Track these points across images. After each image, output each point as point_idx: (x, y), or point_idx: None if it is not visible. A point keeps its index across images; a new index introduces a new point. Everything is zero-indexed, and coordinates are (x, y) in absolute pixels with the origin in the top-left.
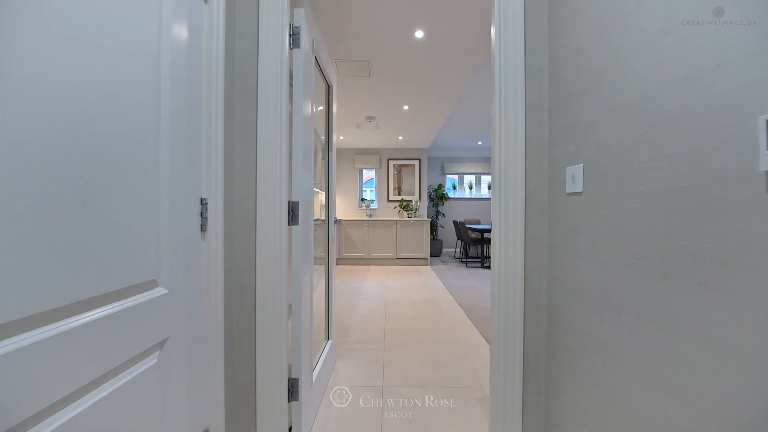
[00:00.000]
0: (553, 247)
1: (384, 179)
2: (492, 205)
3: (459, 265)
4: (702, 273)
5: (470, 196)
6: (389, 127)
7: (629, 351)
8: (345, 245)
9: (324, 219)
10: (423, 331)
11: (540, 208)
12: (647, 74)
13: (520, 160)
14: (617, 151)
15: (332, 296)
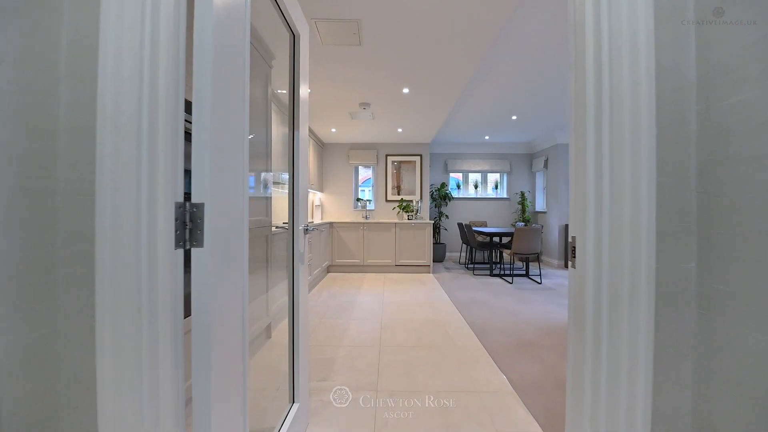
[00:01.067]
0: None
1: (382, 177)
2: (576, 182)
3: (465, 272)
4: None
5: (476, 196)
6: (387, 117)
7: None
8: (338, 251)
9: (326, 224)
10: (428, 368)
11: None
12: None
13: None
14: None
15: (300, 343)
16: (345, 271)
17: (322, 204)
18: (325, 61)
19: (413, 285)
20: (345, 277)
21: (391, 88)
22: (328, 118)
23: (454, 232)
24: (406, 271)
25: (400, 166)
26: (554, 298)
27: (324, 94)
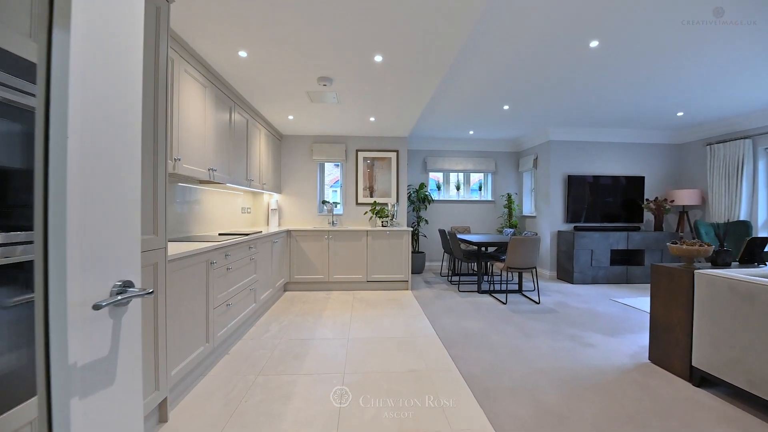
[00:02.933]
0: None
1: (351, 176)
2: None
3: (448, 287)
4: None
5: (458, 199)
6: (356, 101)
7: None
8: (298, 265)
9: (281, 232)
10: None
11: None
12: None
13: None
14: None
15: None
16: (306, 289)
17: (280, 208)
18: (265, 12)
19: (388, 308)
20: (305, 298)
21: (359, 55)
22: (280, 99)
23: (434, 239)
24: (380, 288)
25: (374, 163)
26: (562, 326)
27: (269, 61)
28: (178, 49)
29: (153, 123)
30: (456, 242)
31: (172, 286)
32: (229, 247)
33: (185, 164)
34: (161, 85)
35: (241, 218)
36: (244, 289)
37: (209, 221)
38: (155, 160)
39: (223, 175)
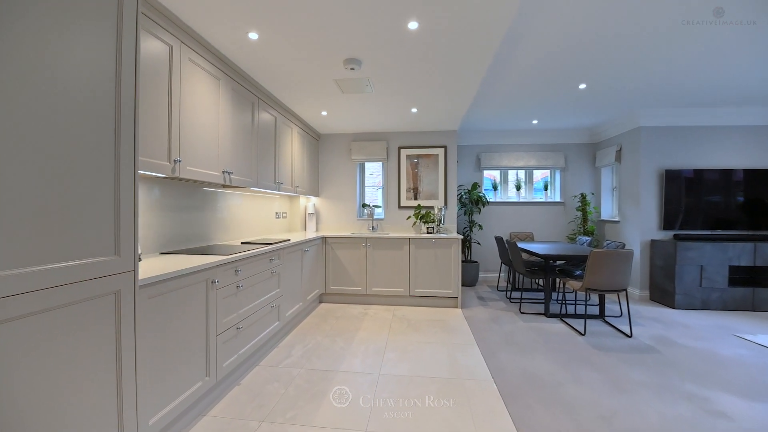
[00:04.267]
0: None
1: (393, 177)
2: None
3: (507, 307)
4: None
5: (519, 200)
6: (393, 87)
7: None
8: (334, 274)
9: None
10: None
11: None
12: None
13: None
14: None
15: None
16: (342, 301)
17: (317, 212)
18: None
19: (432, 332)
20: (340, 312)
21: (388, 23)
22: (308, 92)
23: (489, 247)
24: (424, 304)
25: (418, 161)
26: (672, 377)
27: (283, 42)
28: (177, 33)
29: (115, 116)
30: (516, 253)
31: (154, 315)
32: (239, 262)
33: (190, 167)
34: (127, 68)
35: (275, 224)
36: (263, 307)
37: (237, 228)
38: (117, 162)
39: (243, 178)
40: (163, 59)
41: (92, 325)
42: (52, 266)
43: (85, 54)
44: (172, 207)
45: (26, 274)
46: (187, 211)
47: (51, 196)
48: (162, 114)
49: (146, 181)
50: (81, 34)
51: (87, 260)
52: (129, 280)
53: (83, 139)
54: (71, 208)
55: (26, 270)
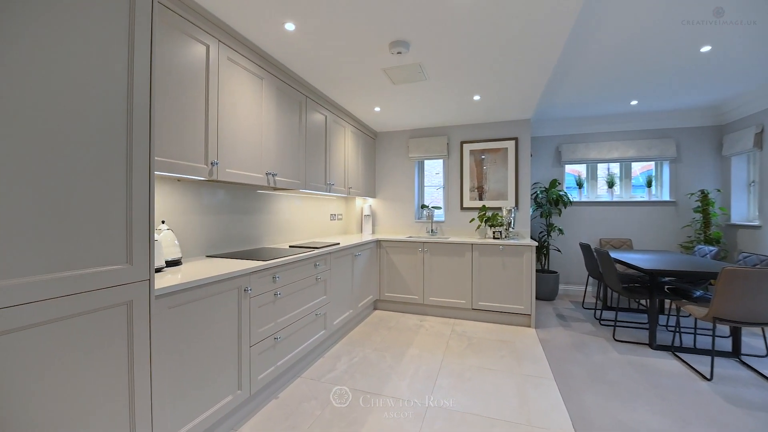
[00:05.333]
0: None
1: (455, 175)
2: None
3: (595, 329)
4: None
5: (611, 199)
6: (450, 72)
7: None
8: (389, 281)
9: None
10: None
11: None
12: None
13: None
14: None
15: None
16: (397, 309)
17: (374, 213)
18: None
19: (497, 357)
20: (394, 322)
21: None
22: (357, 86)
23: (572, 255)
24: (489, 320)
25: (483, 157)
26: None
27: (321, 30)
28: (212, 30)
29: (126, 117)
30: (609, 264)
31: (176, 326)
32: (277, 268)
33: (229, 169)
34: (140, 65)
35: (330, 226)
36: (307, 315)
37: (290, 230)
38: (129, 166)
39: (288, 180)
40: (199, 59)
41: (102, 336)
42: (52, 276)
43: (88, 50)
44: (220, 209)
45: (24, 284)
46: (236, 213)
47: (52, 203)
48: (198, 115)
49: (192, 184)
50: (82, 28)
51: (93, 269)
52: (143, 290)
53: (90, 140)
54: (75, 215)
55: (23, 280)
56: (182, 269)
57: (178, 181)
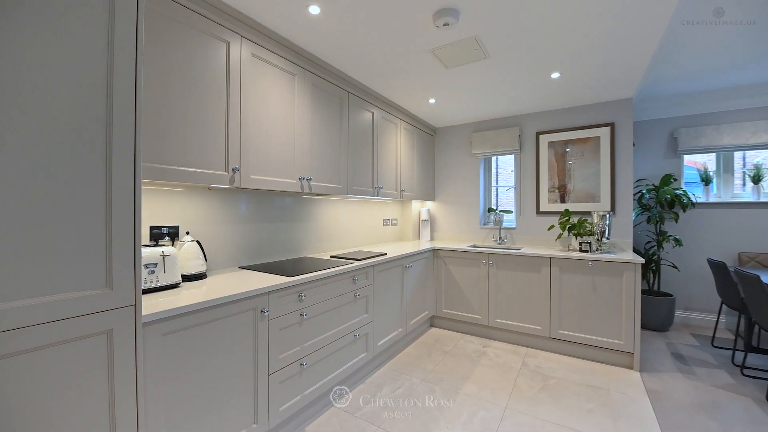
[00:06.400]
0: None
1: (529, 173)
2: None
3: (733, 381)
4: None
5: (754, 200)
6: (517, 43)
7: None
8: (447, 295)
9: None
10: None
11: None
12: None
13: None
14: None
15: None
16: (458, 329)
17: (432, 218)
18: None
19: (585, 412)
20: (451, 345)
21: None
22: (403, 76)
23: (696, 273)
24: (573, 353)
25: (566, 149)
26: None
27: (347, 11)
28: (232, 24)
29: (106, 119)
30: (760, 293)
31: (173, 354)
32: (303, 286)
33: (254, 175)
34: (122, 60)
35: (382, 232)
36: (343, 337)
37: (337, 237)
38: (109, 175)
39: (326, 184)
40: (218, 58)
41: (80, 369)
42: (19, 303)
43: (56, 49)
44: (257, 217)
45: None
46: (275, 221)
47: (12, 222)
48: (218, 119)
49: (226, 192)
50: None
51: (65, 295)
52: (126, 317)
53: (59, 148)
54: (44, 235)
55: None
56: (203, 284)
57: (208, 189)
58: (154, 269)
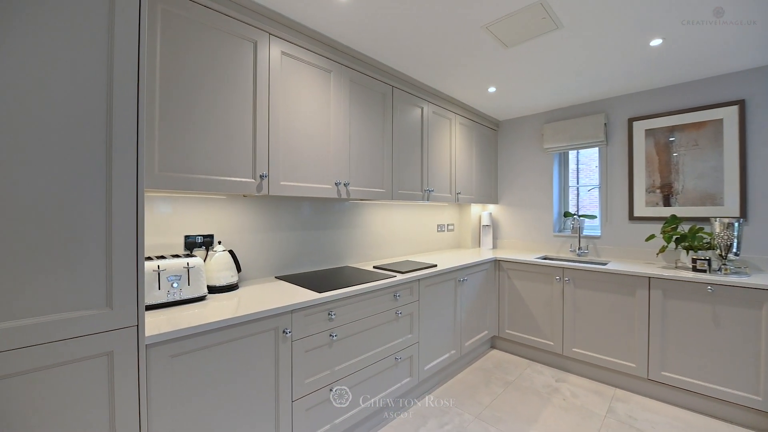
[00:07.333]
0: None
1: (619, 169)
2: None
3: None
4: None
5: None
6: (601, 7)
7: None
8: (512, 313)
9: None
10: None
11: None
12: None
13: None
14: None
15: None
16: (524, 354)
17: (495, 223)
18: None
19: None
20: (514, 374)
21: None
22: (452, 62)
23: None
24: (681, 404)
25: (672, 138)
26: None
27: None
28: (258, 22)
29: (106, 128)
30: None
31: (185, 378)
32: (333, 303)
33: (284, 181)
34: (122, 62)
35: (436, 239)
36: (383, 360)
37: (382, 245)
38: (109, 190)
39: (366, 189)
40: (245, 58)
41: (80, 392)
42: (13, 324)
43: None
44: (296, 225)
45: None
46: (316, 228)
47: (5, 236)
48: (245, 123)
49: (263, 199)
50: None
51: (58, 315)
52: (128, 338)
53: (51, 157)
54: (33, 251)
55: None
56: (232, 297)
57: (243, 197)
58: (178, 281)
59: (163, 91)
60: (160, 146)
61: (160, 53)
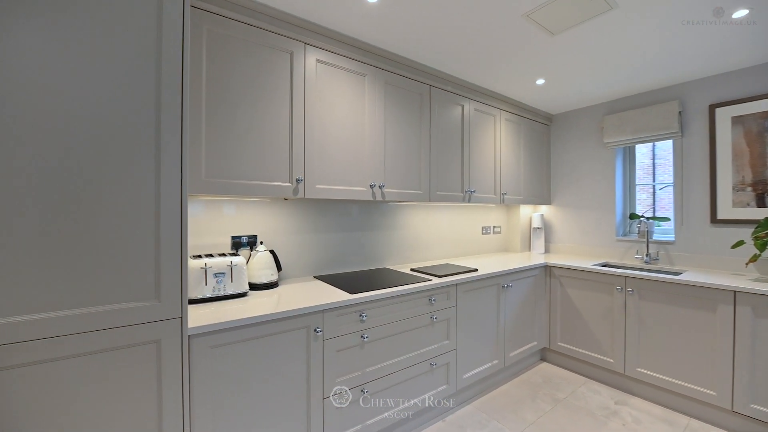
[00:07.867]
0: None
1: (698, 164)
2: None
3: None
4: None
5: None
6: None
7: None
8: (564, 325)
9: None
10: None
11: None
12: None
13: None
14: None
15: None
16: (577, 369)
17: (547, 226)
18: None
19: None
20: (567, 391)
21: None
22: (493, 54)
23: None
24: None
25: (767, 126)
26: None
27: None
28: (294, 33)
29: (156, 125)
30: None
31: (222, 368)
32: (365, 305)
33: (319, 184)
34: (169, 68)
35: (481, 242)
36: (417, 364)
37: (423, 247)
38: (158, 185)
39: (402, 190)
40: (282, 69)
41: (130, 375)
42: (73, 312)
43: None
44: (334, 227)
45: (38, 320)
46: (353, 230)
47: (64, 234)
48: (282, 129)
49: (302, 202)
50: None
51: (111, 306)
52: (173, 328)
53: (107, 157)
54: (93, 249)
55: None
56: (271, 294)
57: (284, 200)
58: (222, 278)
59: (208, 106)
60: (207, 155)
61: (206, 70)
